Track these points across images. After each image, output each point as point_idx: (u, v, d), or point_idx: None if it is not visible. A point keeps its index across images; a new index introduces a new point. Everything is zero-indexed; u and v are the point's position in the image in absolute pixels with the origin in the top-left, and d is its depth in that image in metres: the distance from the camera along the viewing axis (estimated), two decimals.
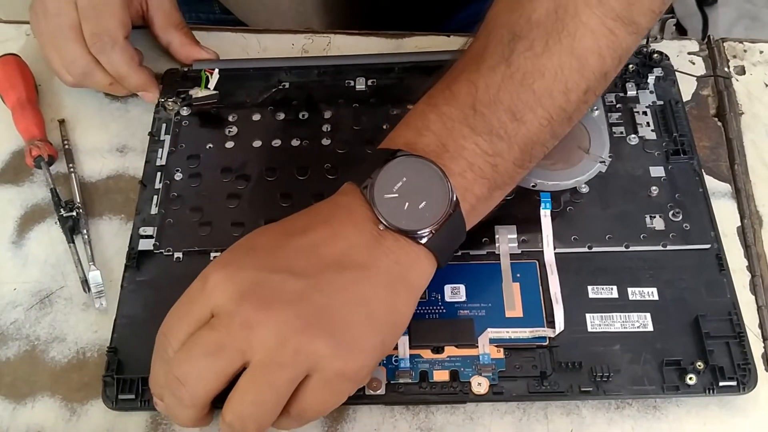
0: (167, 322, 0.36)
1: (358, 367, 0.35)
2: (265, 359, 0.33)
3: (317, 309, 0.34)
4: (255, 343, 0.33)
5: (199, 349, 0.34)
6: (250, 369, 0.33)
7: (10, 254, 0.47)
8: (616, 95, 0.49)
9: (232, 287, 0.34)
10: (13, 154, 0.52)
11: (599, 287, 0.42)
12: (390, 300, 0.36)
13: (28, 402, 0.42)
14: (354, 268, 0.35)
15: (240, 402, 0.34)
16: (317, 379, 0.34)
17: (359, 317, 0.35)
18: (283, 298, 0.34)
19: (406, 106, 0.49)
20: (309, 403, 0.34)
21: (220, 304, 0.34)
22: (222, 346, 0.33)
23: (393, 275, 0.36)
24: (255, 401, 0.33)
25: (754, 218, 0.46)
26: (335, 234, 0.36)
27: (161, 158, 0.49)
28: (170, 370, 0.34)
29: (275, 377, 0.33)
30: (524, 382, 0.40)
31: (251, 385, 0.33)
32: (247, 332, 0.33)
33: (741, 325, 0.40)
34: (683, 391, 0.39)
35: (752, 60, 0.52)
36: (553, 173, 0.46)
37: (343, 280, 0.35)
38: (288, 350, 0.33)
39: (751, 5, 1.19)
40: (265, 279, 0.34)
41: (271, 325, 0.33)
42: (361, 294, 0.35)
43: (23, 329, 0.45)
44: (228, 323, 0.33)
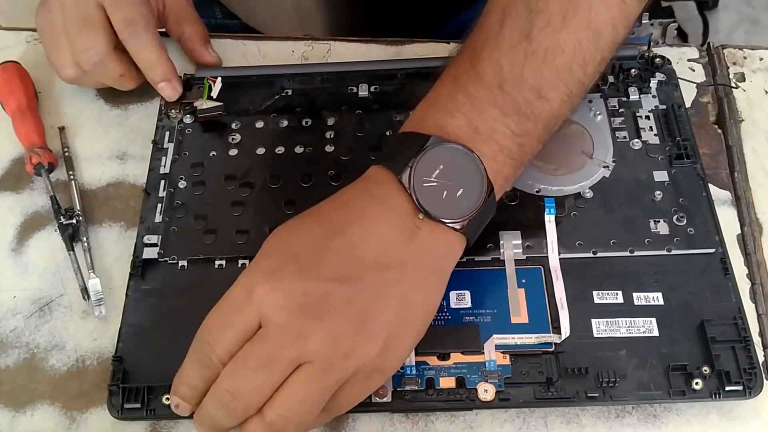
0: (209, 329, 0.36)
1: (397, 363, 0.37)
2: (318, 365, 0.34)
3: (363, 313, 0.35)
4: (308, 351, 0.34)
5: (253, 363, 0.34)
6: (300, 372, 0.34)
7: (10, 262, 0.47)
8: (618, 100, 0.49)
9: (281, 298, 0.34)
10: (13, 162, 0.51)
11: (604, 292, 0.42)
12: (426, 294, 0.37)
13: (28, 410, 0.42)
14: (392, 266, 0.36)
15: (285, 402, 0.34)
16: (359, 377, 0.35)
17: (400, 317, 0.36)
18: (331, 306, 0.34)
19: (409, 112, 0.49)
20: (346, 398, 0.36)
21: (269, 315, 0.34)
22: (275, 358, 0.34)
23: (429, 268, 0.37)
24: (302, 401, 0.34)
25: (754, 226, 0.46)
26: (372, 233, 0.36)
27: (165, 166, 0.48)
28: (221, 384, 0.35)
29: (326, 380, 0.34)
30: (530, 389, 0.40)
31: (301, 386, 0.34)
32: (301, 342, 0.34)
33: (747, 329, 0.40)
34: (689, 396, 0.39)
35: (752, 67, 0.52)
36: (557, 179, 0.46)
37: (383, 281, 0.35)
38: (339, 355, 0.34)
39: (752, 9, 1.20)
40: (312, 288, 0.34)
41: (323, 334, 0.34)
42: (401, 293, 0.36)
43: (23, 337, 0.44)
44: (280, 335, 0.34)
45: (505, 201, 0.45)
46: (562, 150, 0.47)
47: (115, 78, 0.50)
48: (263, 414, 0.34)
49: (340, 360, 0.34)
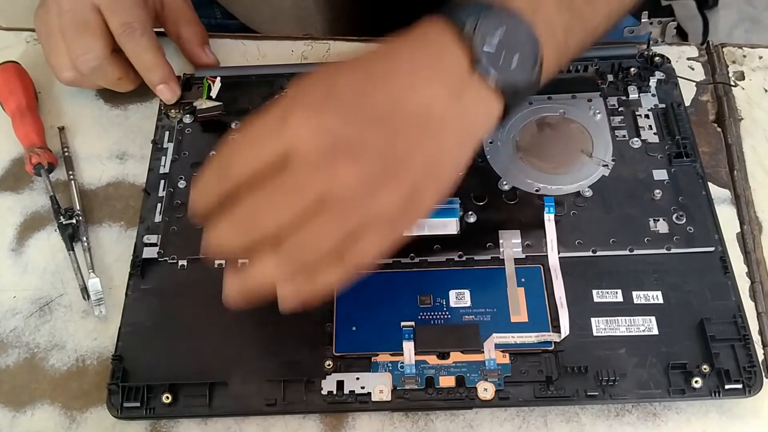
0: (235, 144, 0.35)
1: (419, 216, 0.36)
2: (343, 203, 0.33)
3: (394, 161, 0.34)
4: (335, 188, 0.33)
5: (281, 187, 0.34)
6: (324, 209, 0.33)
7: (10, 262, 0.47)
8: (618, 99, 0.49)
9: (316, 132, 0.33)
10: (13, 162, 0.51)
11: (604, 291, 0.42)
12: (457, 156, 0.37)
13: (28, 410, 0.42)
14: (433, 121, 0.35)
15: (303, 235, 0.34)
16: (381, 225, 0.35)
17: (428, 173, 0.35)
18: (365, 149, 0.34)
19: None
20: (366, 250, 0.35)
21: (301, 147, 0.33)
22: (304, 188, 0.33)
23: (466, 131, 0.37)
24: (319, 235, 0.34)
25: (753, 224, 0.46)
26: (419, 83, 0.35)
27: (164, 166, 0.49)
28: (242, 206, 0.34)
29: (346, 219, 0.34)
30: (530, 387, 0.40)
31: (320, 221, 0.34)
32: (331, 179, 0.33)
33: (746, 327, 0.40)
34: (689, 395, 0.39)
35: (751, 65, 0.52)
36: (557, 177, 0.46)
37: (420, 134, 0.35)
38: (364, 196, 0.34)
39: (752, 8, 1.20)
40: (349, 128, 0.34)
41: (353, 174, 0.33)
42: (435, 149, 0.35)
43: (23, 337, 0.44)
44: (312, 167, 0.33)
45: (505, 200, 0.45)
46: (562, 149, 0.47)
47: (113, 81, 0.50)
48: (278, 245, 0.34)
49: (364, 201, 0.34)
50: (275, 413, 0.40)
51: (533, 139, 0.48)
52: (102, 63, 0.48)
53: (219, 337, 0.42)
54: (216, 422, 0.41)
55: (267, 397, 0.40)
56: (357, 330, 0.42)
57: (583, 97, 0.49)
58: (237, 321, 0.42)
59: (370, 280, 0.43)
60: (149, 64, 0.49)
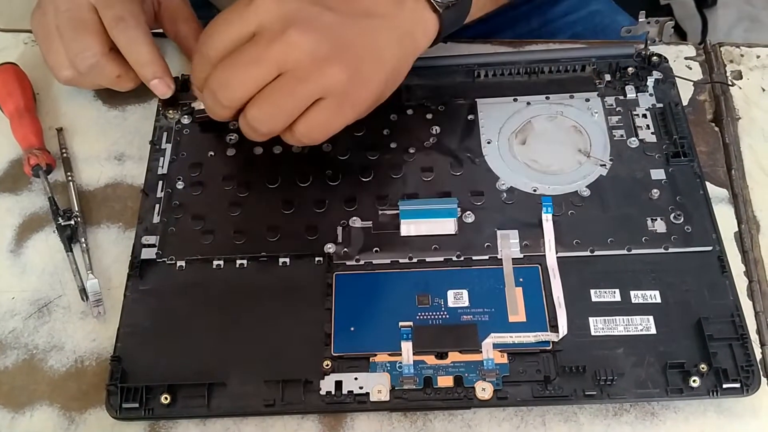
0: (212, 27, 0.42)
1: (364, 98, 0.42)
2: (296, 72, 0.40)
3: (344, 42, 0.40)
4: (291, 58, 0.39)
5: (243, 59, 0.40)
6: (279, 78, 0.40)
7: (9, 263, 0.47)
8: (615, 98, 0.49)
9: (279, 9, 0.40)
10: (11, 163, 0.52)
11: (602, 291, 0.42)
12: (398, 52, 0.43)
13: (27, 411, 0.42)
14: (377, 16, 0.42)
15: (263, 102, 0.40)
16: (329, 101, 0.41)
17: (373, 58, 0.41)
18: (320, 27, 0.40)
19: (406, 111, 0.49)
20: (316, 122, 0.41)
21: (266, 22, 0.40)
22: (263, 58, 0.40)
23: (406, 31, 0.43)
24: (276, 104, 0.40)
25: (751, 223, 0.46)
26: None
27: (163, 167, 0.49)
28: (214, 75, 0.41)
29: (299, 88, 0.40)
30: (528, 387, 0.40)
31: (277, 90, 0.40)
32: (286, 49, 0.39)
33: (744, 326, 0.40)
34: (687, 394, 0.39)
35: (749, 65, 0.52)
36: (554, 177, 0.46)
37: (367, 25, 0.41)
38: (316, 68, 0.39)
39: (751, 7, 1.20)
40: (308, 8, 0.40)
41: (308, 45, 0.39)
42: (379, 40, 0.42)
43: (21, 338, 0.44)
44: (271, 39, 0.39)
45: (503, 200, 0.45)
46: (559, 148, 0.47)
47: (111, 79, 0.50)
48: (245, 112, 0.41)
49: (314, 72, 0.39)
50: (274, 414, 0.41)
51: (531, 139, 0.48)
52: (100, 60, 0.48)
53: (217, 338, 0.42)
54: (215, 423, 0.41)
55: (265, 397, 0.40)
56: (355, 330, 0.42)
57: (580, 96, 0.49)
58: (235, 322, 0.43)
59: (369, 280, 0.43)
60: (142, 57, 0.48)
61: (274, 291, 0.43)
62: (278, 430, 0.41)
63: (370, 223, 0.45)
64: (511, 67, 0.51)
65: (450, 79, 0.51)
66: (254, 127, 0.42)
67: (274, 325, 0.42)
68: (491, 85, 0.51)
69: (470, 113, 0.49)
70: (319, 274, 0.44)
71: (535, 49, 0.54)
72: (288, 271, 0.44)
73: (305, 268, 0.44)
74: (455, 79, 0.51)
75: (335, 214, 0.46)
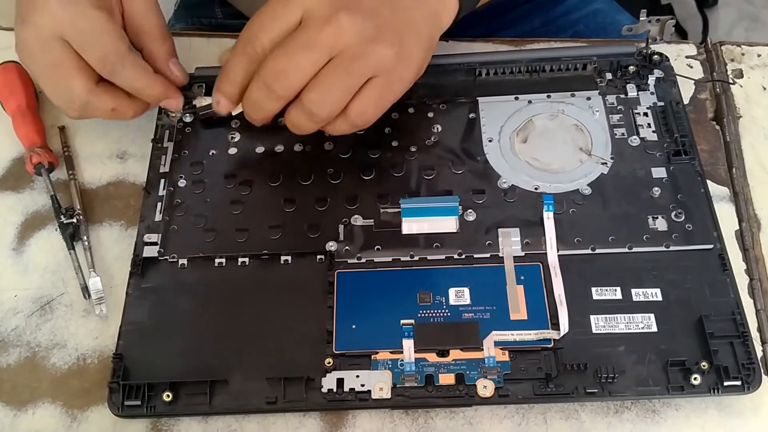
0: (256, 23, 0.42)
1: (409, 72, 0.43)
2: (348, 54, 0.41)
3: (386, 22, 0.42)
4: (342, 41, 0.40)
5: (298, 44, 0.41)
6: (333, 60, 0.41)
7: (11, 261, 0.47)
8: (617, 97, 0.49)
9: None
10: (14, 161, 0.52)
11: (603, 289, 0.42)
12: (430, 28, 0.45)
13: (29, 408, 0.42)
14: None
15: (321, 84, 0.41)
16: (380, 78, 0.42)
17: (412, 34, 0.43)
18: (365, 9, 0.41)
19: (408, 109, 0.49)
20: (371, 99, 0.42)
21: (313, 8, 0.41)
22: (317, 42, 0.40)
23: (434, 10, 0.45)
24: (334, 84, 0.41)
25: (752, 221, 0.46)
26: None
27: (165, 165, 0.49)
28: (268, 66, 0.41)
29: (354, 67, 0.41)
30: (529, 385, 0.40)
31: (333, 71, 0.41)
32: (338, 32, 0.40)
33: (745, 324, 0.40)
34: (688, 392, 0.39)
35: (750, 63, 0.52)
36: (556, 176, 0.46)
37: (403, 5, 0.43)
38: (366, 48, 0.41)
39: (752, 6, 1.20)
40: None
41: (356, 26, 0.41)
42: (415, 17, 0.44)
43: (24, 336, 0.44)
44: (321, 24, 0.40)
45: (504, 198, 0.46)
46: (561, 147, 0.47)
47: (107, 113, 0.46)
48: (301, 98, 0.41)
49: (365, 51, 0.41)
50: (275, 411, 0.41)
51: (532, 138, 0.48)
52: (88, 100, 0.45)
53: (219, 336, 0.42)
54: (216, 420, 0.41)
55: (267, 395, 0.40)
56: (357, 328, 0.42)
57: (582, 95, 0.49)
58: (237, 319, 0.43)
59: (370, 278, 0.43)
60: (142, 88, 0.46)
61: (276, 289, 0.44)
62: (280, 428, 0.41)
63: (372, 221, 0.45)
64: (513, 66, 0.51)
65: (451, 77, 0.51)
66: (312, 113, 0.42)
67: (275, 322, 0.42)
68: (492, 84, 0.51)
69: (471, 112, 0.50)
70: (321, 272, 0.44)
71: (536, 47, 0.54)
72: (289, 269, 0.44)
73: (307, 266, 0.44)
74: (456, 78, 0.51)
75: (337, 212, 0.46)
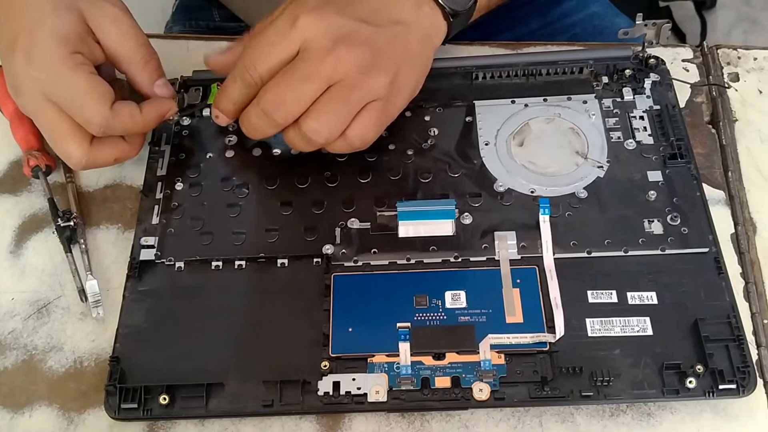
0: (254, 51, 0.43)
1: (404, 96, 0.45)
2: (346, 83, 0.42)
3: (382, 50, 0.43)
4: (341, 71, 0.42)
5: (297, 76, 0.42)
6: (332, 89, 0.42)
7: (8, 264, 0.47)
8: (613, 100, 0.49)
9: (324, 26, 0.42)
10: (11, 164, 0.52)
11: (599, 292, 0.42)
12: (423, 51, 0.46)
13: (26, 411, 0.42)
14: (404, 23, 0.45)
15: (320, 113, 0.42)
16: (377, 103, 0.43)
17: (406, 59, 0.44)
18: (360, 39, 0.43)
19: (405, 113, 0.49)
20: (368, 123, 0.43)
21: (312, 39, 0.42)
22: (316, 74, 0.42)
23: (426, 33, 0.46)
24: (332, 112, 0.42)
25: (748, 225, 0.46)
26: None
27: (162, 168, 0.49)
28: (267, 95, 0.42)
29: (352, 95, 0.42)
30: (525, 388, 0.40)
31: (332, 100, 0.42)
32: (336, 64, 0.42)
33: (740, 328, 0.41)
34: (683, 395, 0.39)
35: (746, 67, 0.52)
36: (552, 179, 0.46)
37: (395, 31, 0.44)
38: (363, 77, 0.42)
39: (750, 8, 1.21)
40: (348, 23, 0.43)
41: (353, 57, 0.42)
42: (408, 43, 0.45)
43: (21, 339, 0.44)
44: (321, 56, 0.42)
45: (500, 202, 0.46)
46: (557, 150, 0.48)
47: (111, 163, 0.46)
48: (299, 124, 0.43)
49: (362, 81, 0.42)
50: (272, 414, 0.41)
51: (528, 141, 0.48)
52: (88, 157, 0.45)
53: (216, 339, 0.42)
54: (213, 423, 0.41)
55: (264, 398, 0.40)
56: (353, 331, 0.42)
57: (578, 98, 0.50)
58: (234, 322, 0.43)
59: (367, 281, 0.43)
60: (136, 129, 0.46)
61: (273, 292, 0.44)
62: (276, 431, 0.41)
63: (369, 225, 0.46)
64: (509, 69, 0.51)
65: (448, 81, 0.51)
66: (311, 139, 0.43)
67: (272, 325, 0.42)
68: (489, 87, 0.51)
69: (468, 115, 0.50)
70: (318, 275, 0.44)
71: (532, 51, 0.54)
72: (286, 272, 0.44)
73: (303, 269, 0.44)
74: (453, 81, 0.51)
75: (333, 215, 0.46)
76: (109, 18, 0.45)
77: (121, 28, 0.45)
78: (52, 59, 0.42)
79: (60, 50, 0.42)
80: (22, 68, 0.42)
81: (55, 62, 0.42)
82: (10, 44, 0.43)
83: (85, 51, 0.44)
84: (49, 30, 0.42)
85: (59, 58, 0.42)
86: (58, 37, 0.43)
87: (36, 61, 0.42)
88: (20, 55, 0.42)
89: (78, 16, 0.44)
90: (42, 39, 0.42)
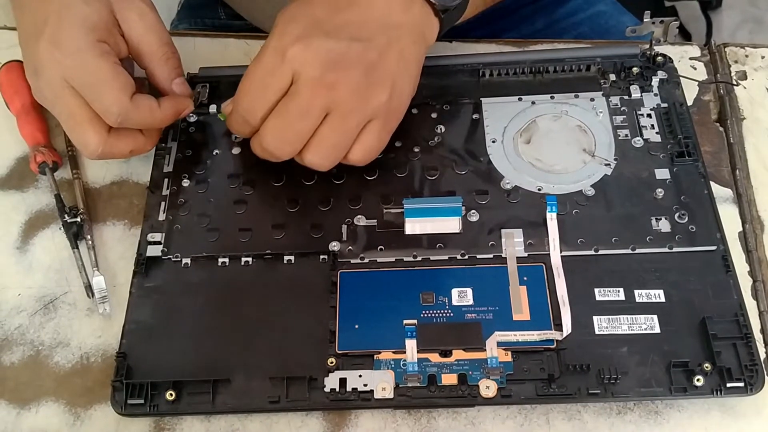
0: (248, 96, 0.42)
1: (404, 106, 0.45)
2: (343, 109, 0.41)
3: (374, 65, 0.42)
4: (335, 98, 0.41)
5: (293, 115, 0.41)
6: (328, 119, 0.41)
7: (15, 260, 0.47)
8: (620, 98, 0.49)
9: (312, 55, 0.41)
10: (18, 160, 0.52)
11: (606, 290, 0.42)
12: (417, 52, 0.45)
13: (33, 407, 0.42)
14: (393, 27, 0.43)
15: (319, 147, 0.42)
16: (377, 121, 0.43)
17: (401, 66, 0.43)
18: (351, 60, 0.41)
19: (411, 110, 0.49)
20: (369, 143, 0.43)
21: (302, 71, 0.41)
22: (310, 108, 0.41)
23: (418, 33, 0.45)
24: (331, 144, 0.42)
25: (755, 223, 0.46)
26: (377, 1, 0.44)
27: (168, 165, 0.49)
28: (265, 136, 0.42)
29: (349, 123, 0.42)
30: (532, 385, 0.40)
31: (332, 130, 0.42)
32: (329, 93, 0.41)
33: (748, 326, 0.40)
34: (691, 393, 0.39)
35: (754, 65, 0.52)
36: (559, 176, 0.46)
37: (387, 39, 0.43)
38: (359, 99, 0.41)
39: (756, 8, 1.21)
40: (336, 45, 0.41)
41: (347, 83, 0.41)
42: (400, 48, 0.43)
43: (27, 334, 0.45)
44: (313, 86, 0.41)
45: (507, 199, 0.46)
46: (564, 148, 0.47)
47: (126, 155, 0.46)
48: (301, 157, 0.43)
49: (359, 104, 0.41)
50: (278, 411, 0.41)
51: (535, 139, 0.48)
52: (104, 147, 0.45)
53: (222, 335, 0.42)
54: (219, 419, 0.41)
55: (270, 394, 0.40)
56: (360, 328, 0.42)
57: (585, 96, 0.49)
58: (240, 319, 0.43)
59: (373, 278, 0.43)
60: (153, 124, 0.46)
61: (279, 289, 0.44)
62: (283, 427, 0.41)
63: (375, 222, 0.46)
64: (516, 67, 0.51)
65: (455, 78, 0.51)
66: (314, 166, 0.43)
67: (278, 322, 0.42)
68: (496, 85, 0.51)
69: (475, 112, 0.50)
70: (324, 272, 0.44)
71: (539, 48, 0.54)
72: (293, 269, 0.44)
73: (310, 266, 0.44)
74: (460, 79, 0.51)
75: (340, 212, 0.46)
76: (136, 12, 0.45)
77: (147, 23, 0.46)
78: (79, 45, 0.42)
79: (87, 37, 0.43)
80: (46, 52, 0.43)
81: (81, 48, 0.42)
82: (36, 29, 0.43)
83: (111, 42, 0.44)
84: (77, 16, 0.43)
85: (85, 44, 0.43)
86: (86, 25, 0.43)
87: (62, 45, 0.42)
88: (46, 38, 0.43)
89: (107, 7, 0.44)
90: (70, 24, 0.43)
